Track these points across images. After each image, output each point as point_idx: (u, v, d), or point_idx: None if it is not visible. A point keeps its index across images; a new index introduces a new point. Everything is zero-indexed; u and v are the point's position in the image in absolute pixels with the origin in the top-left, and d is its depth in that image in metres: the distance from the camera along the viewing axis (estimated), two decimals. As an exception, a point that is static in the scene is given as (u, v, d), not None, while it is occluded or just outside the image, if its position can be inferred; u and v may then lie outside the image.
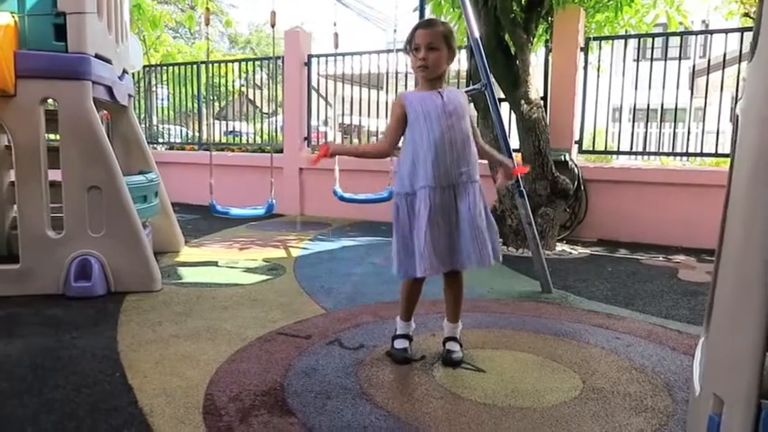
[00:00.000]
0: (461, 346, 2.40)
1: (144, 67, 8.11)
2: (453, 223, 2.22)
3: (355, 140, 7.61)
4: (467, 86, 4.72)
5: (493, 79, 3.92)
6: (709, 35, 5.46)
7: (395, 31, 5.54)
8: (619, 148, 5.91)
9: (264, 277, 3.80)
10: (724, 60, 5.24)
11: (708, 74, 5.54)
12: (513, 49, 4.99)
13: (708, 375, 1.40)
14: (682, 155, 5.85)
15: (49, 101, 3.34)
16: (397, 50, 5.98)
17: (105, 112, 4.23)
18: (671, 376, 2.26)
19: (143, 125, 7.92)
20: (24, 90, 3.18)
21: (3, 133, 3.86)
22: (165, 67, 8.66)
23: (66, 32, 3.23)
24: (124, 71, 4.10)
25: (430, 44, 2.19)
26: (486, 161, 2.54)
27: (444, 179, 2.20)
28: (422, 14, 4.41)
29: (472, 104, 5.31)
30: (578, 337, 2.71)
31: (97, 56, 3.43)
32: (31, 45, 3.24)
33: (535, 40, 5.38)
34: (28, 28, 3.24)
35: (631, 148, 5.86)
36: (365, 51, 6.83)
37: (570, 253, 4.82)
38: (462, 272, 2.34)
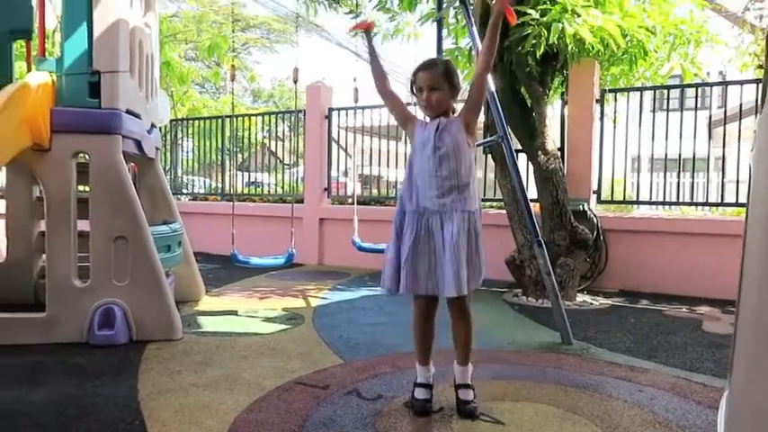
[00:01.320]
0: (474, 392, 2.35)
1: (171, 120, 8.42)
2: (437, 248, 2.27)
3: (374, 191, 7.73)
4: (484, 138, 4.80)
5: (510, 131, 4.01)
6: (725, 86, 5.52)
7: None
8: (638, 197, 5.89)
9: (283, 327, 3.82)
10: (740, 111, 5.27)
11: (725, 123, 5.55)
12: (529, 102, 5.10)
13: (731, 431, 1.37)
14: (702, 204, 5.83)
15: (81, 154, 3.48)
16: (415, 104, 6.12)
17: (133, 164, 4.38)
18: (696, 431, 2.20)
19: (168, 176, 8.14)
20: (59, 144, 3.33)
21: (35, 184, 4.01)
22: (190, 121, 8.96)
23: (101, 90, 3.40)
24: (152, 125, 4.27)
25: (431, 86, 2.34)
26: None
27: (431, 205, 2.29)
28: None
29: (490, 156, 5.40)
30: (600, 389, 2.66)
31: (128, 111, 3.58)
32: (67, 101, 3.41)
33: (551, 92, 5.49)
34: (65, 86, 3.42)
35: (651, 198, 5.84)
36: (384, 104, 6.99)
37: (591, 303, 4.76)
38: (467, 307, 2.36)
